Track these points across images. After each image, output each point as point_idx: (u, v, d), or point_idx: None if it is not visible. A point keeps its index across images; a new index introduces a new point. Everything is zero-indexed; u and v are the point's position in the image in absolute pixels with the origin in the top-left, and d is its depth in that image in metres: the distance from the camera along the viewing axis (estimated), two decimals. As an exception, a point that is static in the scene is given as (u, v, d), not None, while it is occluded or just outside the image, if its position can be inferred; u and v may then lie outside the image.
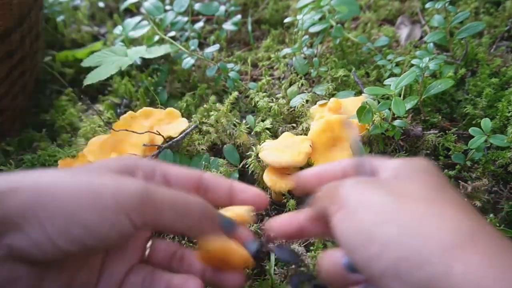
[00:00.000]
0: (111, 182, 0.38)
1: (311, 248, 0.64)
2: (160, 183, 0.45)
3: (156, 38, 0.98)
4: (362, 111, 0.67)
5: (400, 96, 0.68)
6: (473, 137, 0.66)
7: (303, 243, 0.66)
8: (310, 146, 0.70)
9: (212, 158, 0.78)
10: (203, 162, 0.76)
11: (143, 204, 0.38)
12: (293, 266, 0.56)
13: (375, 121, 0.70)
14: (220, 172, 0.74)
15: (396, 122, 0.68)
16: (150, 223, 0.39)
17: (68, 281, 0.40)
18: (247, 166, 0.75)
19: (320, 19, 0.89)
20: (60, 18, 1.21)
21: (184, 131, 0.80)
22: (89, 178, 0.38)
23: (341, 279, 0.41)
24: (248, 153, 0.76)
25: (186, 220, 0.41)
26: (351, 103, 0.77)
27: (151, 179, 0.45)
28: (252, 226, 0.67)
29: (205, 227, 0.43)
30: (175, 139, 0.78)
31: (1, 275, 0.36)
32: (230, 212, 0.49)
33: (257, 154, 0.73)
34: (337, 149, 0.73)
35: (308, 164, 0.69)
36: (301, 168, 0.72)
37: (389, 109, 0.67)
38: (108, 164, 0.43)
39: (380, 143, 0.73)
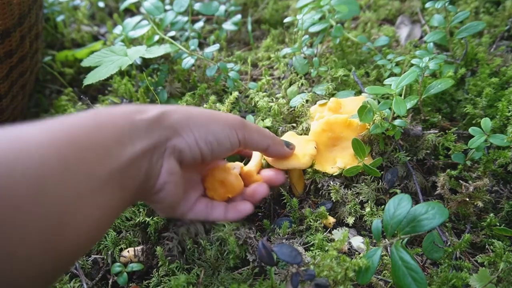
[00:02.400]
0: (224, 114, 0.60)
1: (311, 248, 0.64)
2: None
3: (156, 38, 0.98)
4: (363, 111, 0.67)
5: (400, 95, 0.68)
6: (473, 136, 0.66)
7: (303, 244, 0.66)
8: (315, 147, 0.70)
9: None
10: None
11: (242, 126, 0.59)
12: (294, 266, 0.56)
13: (375, 120, 0.70)
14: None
15: (397, 122, 0.68)
16: (247, 139, 0.59)
17: (189, 187, 0.63)
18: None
19: (320, 19, 0.89)
20: (60, 18, 1.21)
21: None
22: (213, 111, 0.60)
23: None
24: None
25: (265, 140, 0.62)
26: (351, 102, 0.77)
27: None
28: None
29: (277, 145, 0.64)
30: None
31: (168, 167, 0.53)
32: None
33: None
34: (337, 148, 0.73)
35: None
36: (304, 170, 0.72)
37: (390, 108, 0.67)
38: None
39: (381, 142, 0.73)
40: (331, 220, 0.69)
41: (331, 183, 0.70)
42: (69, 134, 0.42)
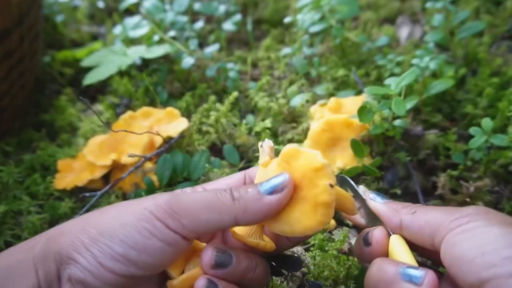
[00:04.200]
0: (143, 200, 0.41)
1: (311, 248, 0.64)
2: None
3: (156, 38, 0.98)
4: (363, 111, 0.67)
5: (400, 95, 0.68)
6: (473, 136, 0.66)
7: (303, 244, 0.66)
8: (331, 185, 0.40)
9: (213, 158, 0.77)
10: (203, 159, 0.76)
11: (168, 210, 0.39)
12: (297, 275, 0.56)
13: (375, 120, 0.69)
14: (221, 174, 0.74)
15: (397, 122, 0.68)
16: (190, 227, 0.39)
17: None
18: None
19: (320, 18, 0.89)
20: (59, 18, 1.21)
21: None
22: (121, 204, 0.43)
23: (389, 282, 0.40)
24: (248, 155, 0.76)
25: (225, 214, 0.40)
26: (351, 102, 0.77)
27: None
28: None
29: (250, 207, 0.40)
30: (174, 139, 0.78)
31: None
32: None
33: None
34: (337, 149, 0.72)
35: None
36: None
37: (390, 108, 0.67)
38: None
39: (381, 143, 0.72)
40: (332, 222, 0.68)
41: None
42: None
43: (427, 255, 0.46)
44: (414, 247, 0.43)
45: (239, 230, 0.45)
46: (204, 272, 0.41)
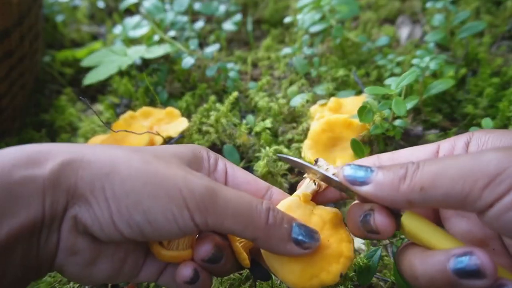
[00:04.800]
0: (180, 175, 0.38)
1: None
2: (221, 178, 0.46)
3: (156, 38, 0.97)
4: (363, 111, 0.67)
5: (400, 96, 0.68)
6: (474, 137, 0.66)
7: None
8: (353, 242, 0.45)
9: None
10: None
11: (204, 206, 0.37)
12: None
13: (375, 121, 0.69)
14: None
15: (397, 122, 0.68)
16: (212, 226, 0.38)
17: (120, 262, 0.41)
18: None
19: (320, 18, 0.89)
20: (59, 18, 1.21)
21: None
22: (159, 167, 0.38)
23: (448, 286, 0.35)
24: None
25: (248, 231, 0.39)
26: (351, 102, 0.77)
27: (214, 172, 0.46)
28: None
29: (274, 241, 0.40)
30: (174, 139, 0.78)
31: (65, 245, 0.37)
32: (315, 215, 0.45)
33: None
34: (337, 149, 0.72)
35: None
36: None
37: (390, 108, 0.67)
38: (176, 152, 0.43)
39: (381, 143, 0.72)
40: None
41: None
42: None
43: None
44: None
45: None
46: (192, 258, 0.43)
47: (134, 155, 0.39)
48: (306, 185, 0.47)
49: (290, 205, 0.45)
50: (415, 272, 0.36)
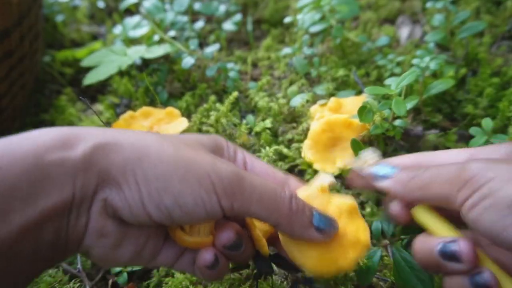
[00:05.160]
0: (208, 161, 0.40)
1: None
2: (241, 167, 0.48)
3: (156, 38, 0.97)
4: (363, 111, 0.67)
5: (400, 96, 0.68)
6: (474, 137, 0.66)
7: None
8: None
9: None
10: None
11: (232, 191, 0.39)
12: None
13: (375, 121, 0.69)
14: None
15: (397, 122, 0.68)
16: (236, 210, 0.40)
17: (141, 245, 0.42)
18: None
19: (320, 18, 0.89)
20: (59, 18, 1.21)
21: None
22: (189, 153, 0.40)
23: (435, 266, 0.40)
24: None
25: (272, 216, 0.41)
26: (351, 102, 0.77)
27: (234, 162, 0.48)
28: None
29: (296, 225, 0.42)
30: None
31: (94, 227, 0.38)
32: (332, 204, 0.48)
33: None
34: (337, 149, 0.72)
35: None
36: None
37: (390, 108, 0.67)
38: (201, 140, 0.45)
39: (381, 143, 0.72)
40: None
41: (331, 183, 0.70)
42: None
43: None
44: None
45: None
46: (213, 244, 0.44)
47: (164, 141, 0.40)
48: (323, 178, 0.50)
49: (308, 195, 0.47)
50: (414, 250, 0.43)
